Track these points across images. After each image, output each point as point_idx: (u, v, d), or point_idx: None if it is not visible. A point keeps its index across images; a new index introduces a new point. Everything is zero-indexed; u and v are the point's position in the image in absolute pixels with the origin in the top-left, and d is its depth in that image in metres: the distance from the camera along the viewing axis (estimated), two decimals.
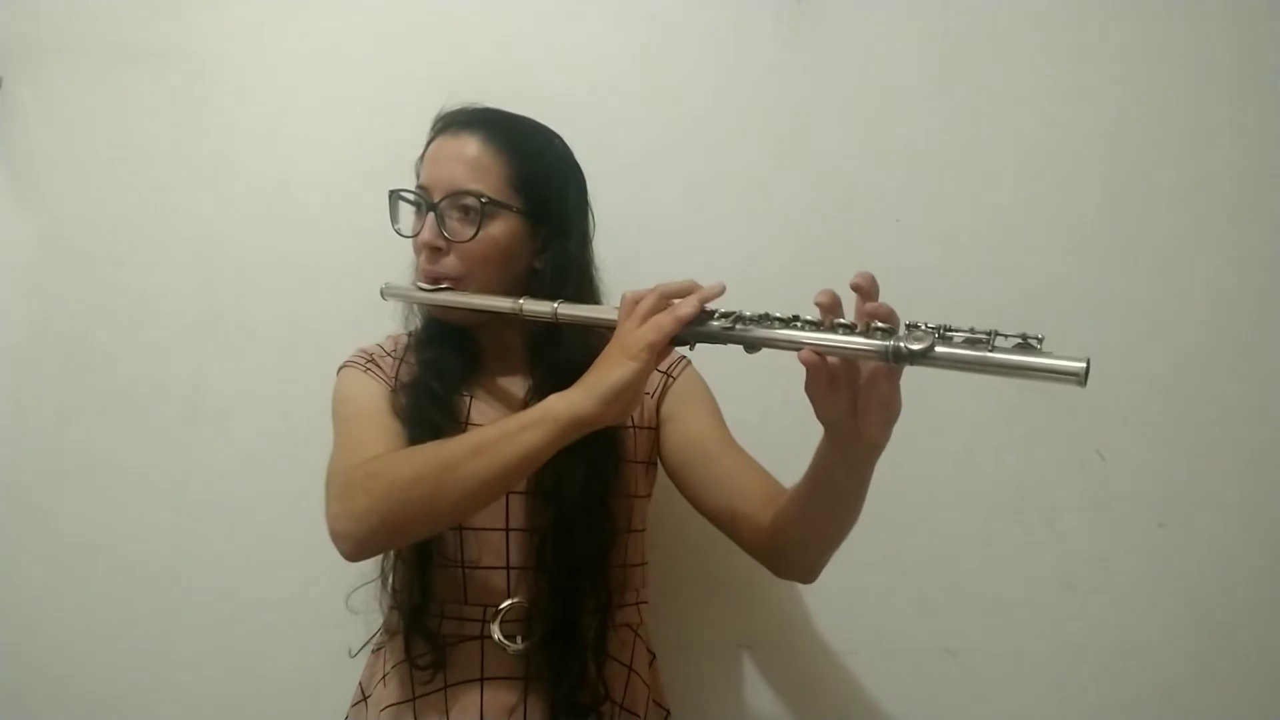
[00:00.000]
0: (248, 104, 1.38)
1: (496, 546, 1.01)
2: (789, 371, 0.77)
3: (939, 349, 0.72)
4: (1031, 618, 1.28)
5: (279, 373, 1.35)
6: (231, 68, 1.38)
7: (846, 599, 1.30)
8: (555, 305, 0.94)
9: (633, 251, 1.29)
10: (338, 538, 0.89)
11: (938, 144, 1.31)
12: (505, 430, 0.86)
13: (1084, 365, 0.68)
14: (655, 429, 1.10)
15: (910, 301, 1.29)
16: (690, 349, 0.87)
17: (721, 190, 1.33)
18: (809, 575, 0.99)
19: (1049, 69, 1.31)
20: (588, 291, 1.06)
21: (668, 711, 1.14)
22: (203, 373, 1.37)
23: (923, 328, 0.73)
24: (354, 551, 0.90)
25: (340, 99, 1.37)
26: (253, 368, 1.36)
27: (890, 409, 0.79)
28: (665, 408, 1.09)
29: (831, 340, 0.76)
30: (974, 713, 1.28)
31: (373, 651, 1.11)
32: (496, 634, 1.00)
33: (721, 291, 0.85)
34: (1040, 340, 0.71)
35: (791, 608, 1.31)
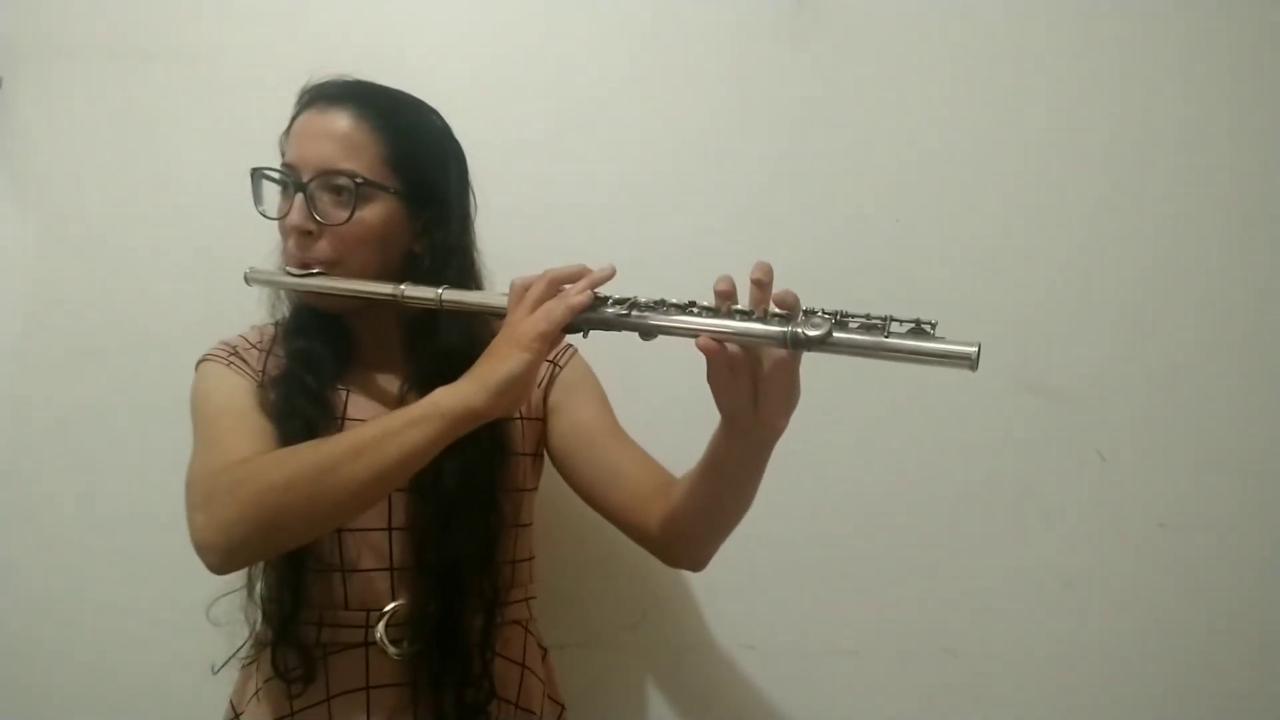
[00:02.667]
0: (248, 104, 1.38)
1: (378, 547, 0.97)
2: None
3: (836, 334, 0.71)
4: (1031, 618, 1.28)
5: None
6: (231, 68, 1.37)
7: (847, 599, 1.30)
8: (440, 291, 0.89)
9: (633, 252, 1.29)
10: (203, 550, 0.82)
11: (938, 144, 1.31)
12: (388, 428, 0.81)
13: (975, 350, 0.68)
14: (542, 419, 1.06)
15: (910, 301, 1.30)
16: (584, 336, 0.84)
17: (721, 190, 1.33)
18: (699, 564, 0.96)
19: (1049, 69, 1.31)
20: (469, 276, 1.01)
21: (563, 706, 1.12)
22: None
23: (820, 314, 0.73)
24: (222, 564, 0.83)
25: None
26: None
27: (790, 396, 0.78)
28: (553, 397, 1.06)
29: (728, 326, 0.75)
30: (974, 713, 1.29)
31: (243, 665, 1.05)
32: (381, 639, 0.95)
33: (612, 274, 0.82)
34: (934, 325, 0.71)
35: (791, 608, 1.31)
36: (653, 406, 1.11)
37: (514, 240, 1.10)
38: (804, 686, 1.31)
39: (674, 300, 0.79)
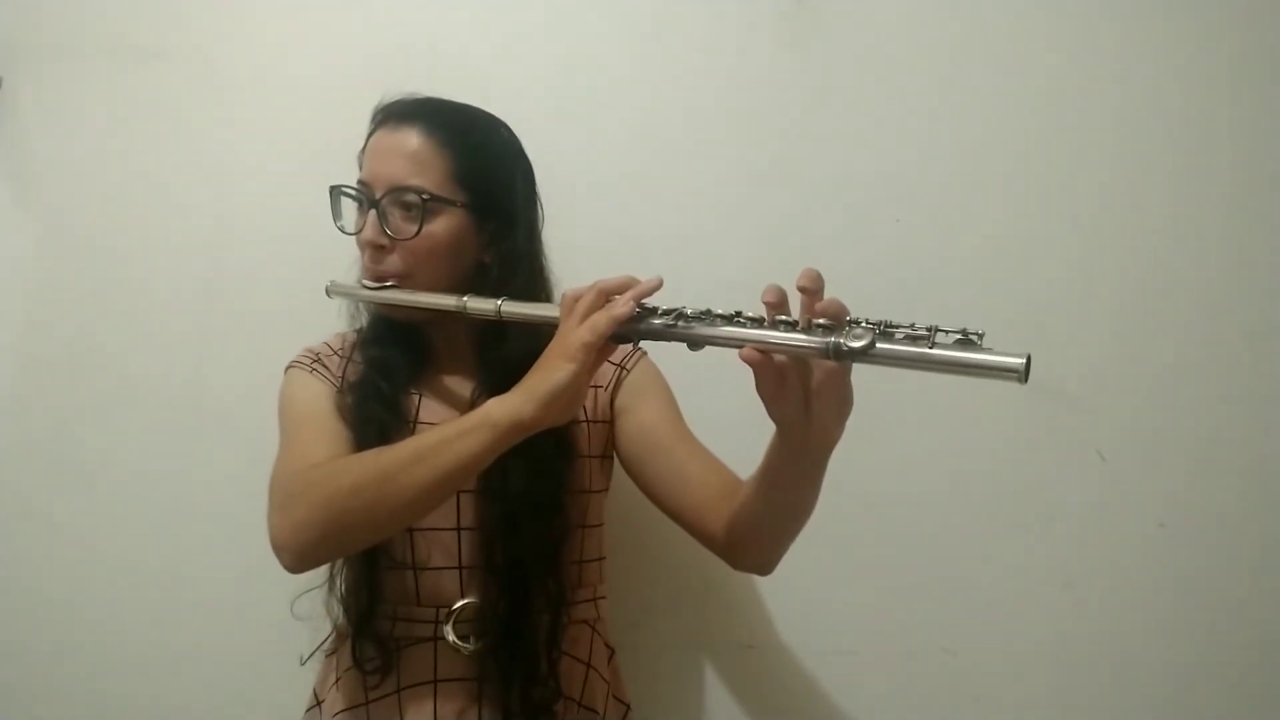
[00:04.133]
0: (248, 104, 1.38)
1: (447, 546, 1.00)
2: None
3: (880, 345, 0.70)
4: (1031, 618, 1.28)
5: (279, 373, 1.35)
6: (231, 68, 1.38)
7: (847, 599, 1.30)
8: (499, 303, 0.93)
9: (633, 252, 1.29)
10: (278, 549, 0.87)
11: (938, 144, 1.31)
12: (444, 436, 0.84)
13: (1024, 361, 0.67)
14: (609, 422, 1.08)
15: (910, 301, 1.30)
16: (634, 346, 0.86)
17: (722, 191, 1.33)
18: (765, 568, 0.97)
19: (1049, 69, 1.31)
20: (537, 285, 1.04)
21: (628, 706, 1.13)
22: (203, 373, 1.37)
23: (864, 324, 0.72)
24: (295, 564, 0.88)
25: (341, 99, 1.37)
26: (253, 367, 1.36)
27: (843, 406, 0.78)
28: (619, 400, 1.08)
29: (771, 337, 0.75)
30: (974, 713, 1.28)
31: (326, 655, 1.09)
32: (450, 635, 0.99)
33: (658, 286, 0.83)
34: (981, 336, 0.70)
35: (791, 608, 1.31)
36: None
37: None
38: (804, 686, 1.31)
39: (720, 311, 0.80)
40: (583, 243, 1.29)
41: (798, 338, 0.74)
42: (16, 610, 1.38)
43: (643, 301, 0.83)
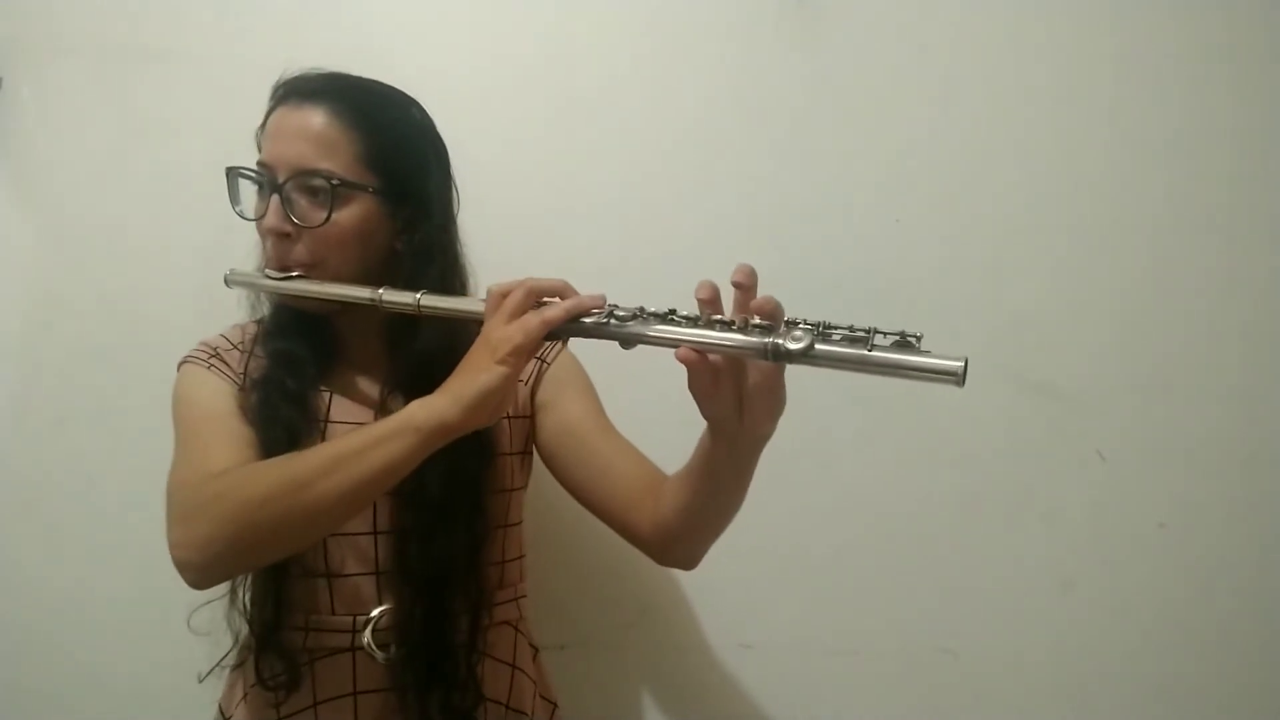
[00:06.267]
0: (248, 104, 1.38)
1: (363, 551, 0.95)
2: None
3: (819, 347, 0.69)
4: (1031, 618, 1.28)
5: None
6: (232, 68, 1.37)
7: (846, 599, 1.30)
8: (418, 296, 0.88)
9: (633, 252, 1.30)
10: (181, 566, 0.82)
11: (938, 144, 1.31)
12: (362, 442, 0.79)
13: (961, 365, 0.66)
14: (530, 417, 1.04)
15: (910, 301, 1.30)
16: (563, 344, 0.84)
17: (721, 191, 1.33)
18: (690, 563, 0.95)
19: (1048, 69, 1.30)
20: (453, 275, 0.98)
21: (555, 705, 1.11)
22: None
23: (802, 324, 0.71)
24: (199, 580, 0.83)
25: None
26: None
27: (777, 404, 0.76)
28: (540, 394, 1.04)
29: (708, 338, 0.73)
30: (974, 713, 1.29)
31: (231, 669, 1.04)
32: (368, 644, 0.94)
33: (600, 304, 0.79)
34: (919, 338, 0.69)
35: (791, 608, 1.31)
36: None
37: (510, 239, 1.10)
38: (803, 686, 1.31)
39: (653, 309, 0.77)
40: (580, 243, 1.30)
41: (736, 338, 0.72)
42: (16, 609, 1.38)
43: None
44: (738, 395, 0.75)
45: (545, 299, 0.81)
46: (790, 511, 1.27)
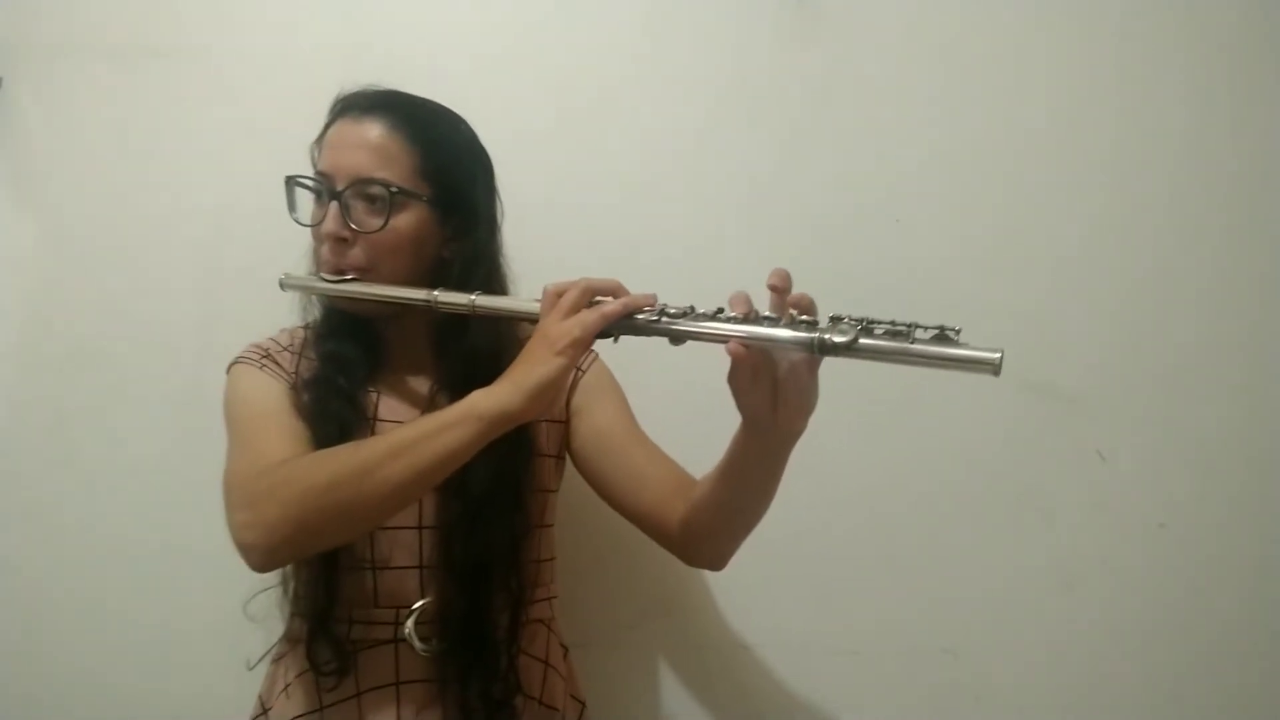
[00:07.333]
0: (248, 104, 1.38)
1: (409, 545, 0.99)
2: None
3: (863, 340, 0.73)
4: (1031, 618, 1.28)
5: None
6: (232, 67, 1.38)
7: (846, 599, 1.30)
8: (473, 297, 0.92)
9: (633, 252, 1.30)
10: (246, 549, 0.85)
11: (938, 144, 1.31)
12: (425, 430, 0.83)
13: (998, 356, 0.70)
14: (565, 422, 1.08)
15: (911, 301, 1.30)
16: (614, 341, 0.86)
17: (721, 191, 1.33)
18: (719, 563, 0.98)
19: (1049, 68, 1.31)
20: (496, 281, 1.03)
21: (584, 704, 1.13)
22: (203, 372, 1.37)
23: (846, 320, 0.75)
24: (264, 562, 0.86)
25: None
26: None
27: (809, 399, 0.80)
28: (575, 401, 1.08)
29: (757, 333, 0.77)
30: (974, 713, 1.29)
31: (272, 662, 1.07)
32: (410, 636, 0.97)
33: (651, 302, 0.84)
34: (958, 332, 0.72)
35: (791, 608, 1.31)
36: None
37: (509, 238, 1.10)
38: (804, 686, 1.31)
39: (701, 308, 0.81)
40: (579, 243, 1.30)
41: (784, 333, 0.76)
42: (16, 609, 1.38)
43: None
44: (773, 391, 0.79)
45: (599, 297, 0.85)
46: (791, 512, 1.25)
